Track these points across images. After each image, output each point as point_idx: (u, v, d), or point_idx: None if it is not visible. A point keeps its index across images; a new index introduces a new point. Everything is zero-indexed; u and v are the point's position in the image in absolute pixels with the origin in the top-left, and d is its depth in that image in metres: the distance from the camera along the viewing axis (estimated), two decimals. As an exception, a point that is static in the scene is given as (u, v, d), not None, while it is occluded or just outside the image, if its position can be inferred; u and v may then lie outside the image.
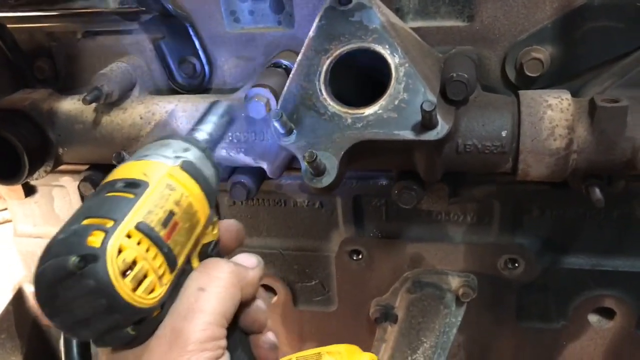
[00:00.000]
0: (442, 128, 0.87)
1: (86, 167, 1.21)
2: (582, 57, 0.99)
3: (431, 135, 0.87)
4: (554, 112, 0.91)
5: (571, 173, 0.95)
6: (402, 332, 1.27)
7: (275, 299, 1.38)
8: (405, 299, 1.26)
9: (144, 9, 1.07)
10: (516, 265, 1.19)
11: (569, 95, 0.93)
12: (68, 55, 1.19)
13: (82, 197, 1.35)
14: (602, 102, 0.89)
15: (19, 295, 1.52)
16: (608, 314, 1.22)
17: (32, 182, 1.36)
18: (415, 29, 1.01)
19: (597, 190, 0.95)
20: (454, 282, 1.23)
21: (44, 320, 1.58)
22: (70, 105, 1.11)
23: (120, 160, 0.94)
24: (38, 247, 1.41)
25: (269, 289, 1.38)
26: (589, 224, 1.14)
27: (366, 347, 1.31)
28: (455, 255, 1.22)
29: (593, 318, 1.24)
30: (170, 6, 1.07)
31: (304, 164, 0.87)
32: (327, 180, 0.89)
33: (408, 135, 0.88)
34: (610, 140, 0.90)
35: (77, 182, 1.26)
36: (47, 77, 1.21)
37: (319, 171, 0.88)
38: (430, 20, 1.03)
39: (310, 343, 1.42)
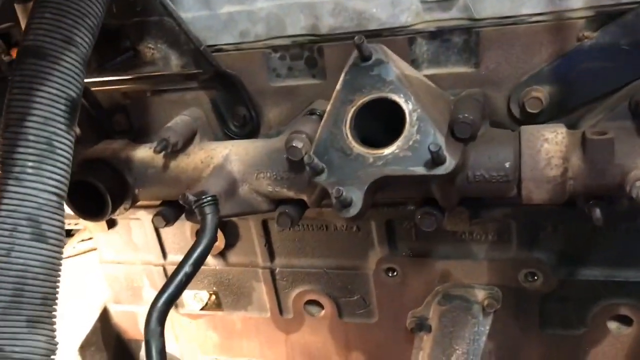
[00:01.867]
0: (449, 164, 1.02)
1: (158, 203, 1.43)
2: (576, 94, 1.12)
3: (440, 170, 1.02)
4: (550, 144, 1.05)
5: (571, 196, 1.08)
6: (436, 341, 1.41)
7: (322, 312, 1.56)
8: (437, 311, 1.41)
9: (201, 70, 1.28)
10: (535, 278, 1.32)
11: (564, 129, 1.07)
12: (140, 110, 1.42)
13: (156, 229, 1.58)
14: (591, 135, 1.02)
15: (104, 314, 1.77)
16: (627, 320, 1.32)
17: (114, 216, 1.59)
18: (429, 76, 1.17)
19: (598, 211, 1.08)
20: (480, 294, 1.37)
21: (126, 335, 1.82)
22: (143, 153, 1.33)
23: (186, 200, 1.14)
24: (120, 272, 1.65)
25: (316, 304, 1.56)
26: (599, 238, 1.25)
27: (406, 355, 1.48)
28: (480, 271, 1.36)
29: (612, 325, 1.34)
30: (222, 67, 1.27)
31: (334, 199, 1.05)
32: (353, 211, 1.06)
33: (421, 170, 1.03)
34: (600, 168, 1.03)
35: (151, 215, 1.49)
36: (123, 129, 1.44)
37: (345, 204, 1.05)
38: (442, 68, 1.19)
39: (355, 352, 1.58)
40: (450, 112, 1.12)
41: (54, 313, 0.95)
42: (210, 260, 1.58)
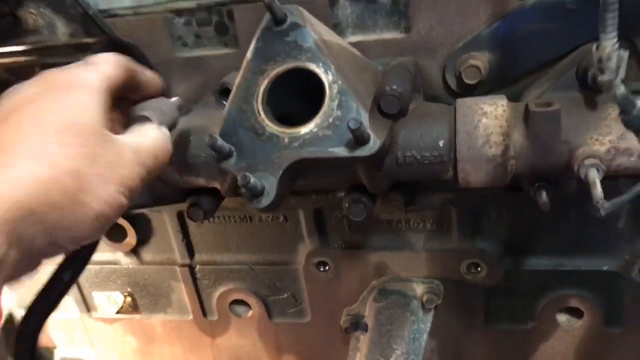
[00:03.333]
0: (374, 143, 0.87)
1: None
2: (519, 61, 0.99)
3: (364, 151, 0.87)
4: (489, 119, 0.92)
5: (514, 178, 0.95)
6: (373, 341, 1.28)
7: (250, 313, 1.40)
8: (373, 308, 1.27)
9: (92, 39, 1.10)
10: (479, 269, 1.19)
11: (505, 101, 0.93)
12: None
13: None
14: (535, 107, 0.89)
15: (9, 320, 1.57)
16: (576, 313, 1.22)
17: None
18: (354, 44, 1.02)
19: (544, 194, 0.95)
20: (419, 288, 1.24)
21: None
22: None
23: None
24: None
25: (243, 303, 1.40)
26: (546, 224, 1.14)
27: (342, 356, 1.34)
28: (418, 262, 1.23)
29: (562, 318, 1.23)
30: (117, 35, 1.10)
31: (242, 188, 0.89)
32: (265, 201, 0.90)
33: (342, 152, 0.88)
34: (545, 144, 0.90)
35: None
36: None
37: (256, 192, 0.90)
38: (369, 34, 1.04)
39: (287, 354, 1.44)
40: (377, 84, 0.97)
41: None
42: (121, 258, 1.40)
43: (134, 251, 1.39)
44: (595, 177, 0.83)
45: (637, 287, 1.13)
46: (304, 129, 0.91)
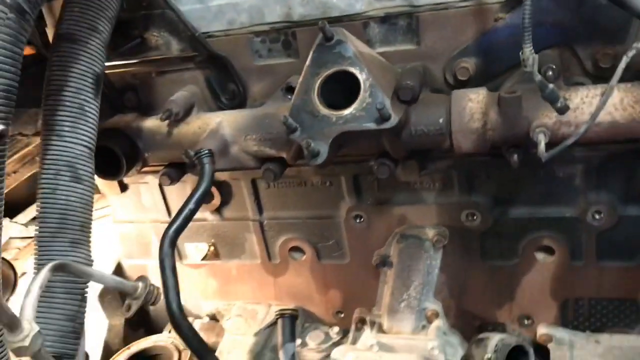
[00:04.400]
0: (394, 119, 1.30)
1: (163, 165, 1.71)
2: (495, 63, 1.40)
3: (387, 124, 1.30)
4: (473, 103, 1.34)
5: (492, 145, 1.37)
6: (397, 274, 1.70)
7: (304, 257, 1.85)
8: (396, 249, 1.70)
9: (196, 53, 1.56)
10: (475, 217, 1.61)
11: (484, 91, 1.35)
12: (147, 89, 1.69)
13: (162, 192, 1.86)
14: (504, 94, 1.31)
15: (118, 267, 2.05)
16: (549, 251, 1.62)
17: (126, 181, 1.88)
18: (381, 53, 1.45)
19: (515, 156, 1.37)
20: (430, 233, 1.66)
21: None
22: (151, 122, 1.61)
23: (187, 155, 1.42)
24: (132, 230, 1.93)
25: (299, 250, 1.84)
26: (523, 182, 1.54)
27: (374, 288, 1.76)
28: (430, 213, 1.65)
29: (539, 255, 1.63)
30: (214, 50, 1.55)
31: (305, 150, 1.33)
32: (320, 160, 1.34)
33: (372, 126, 1.31)
34: (511, 120, 1.31)
35: (157, 178, 1.77)
36: (133, 105, 1.71)
37: (314, 154, 1.34)
38: (391, 46, 1.47)
39: (332, 289, 1.87)
40: (396, 81, 1.40)
41: (89, 237, 1.24)
42: (208, 216, 1.86)
43: (218, 210, 1.85)
44: (541, 139, 1.24)
45: (591, 228, 1.53)
46: (346, 112, 1.34)
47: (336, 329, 1.90)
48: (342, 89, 1.41)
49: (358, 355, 1.64)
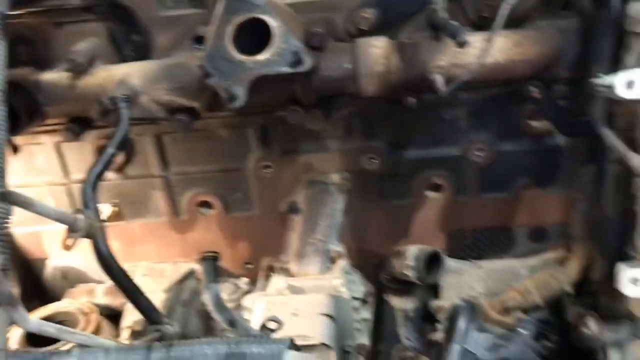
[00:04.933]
0: (307, 63, 1.39)
1: (59, 128, 1.65)
2: (392, 14, 1.54)
3: (302, 68, 1.39)
4: (376, 49, 1.48)
5: (393, 89, 1.51)
6: (305, 220, 1.80)
7: (212, 211, 1.88)
8: (304, 195, 1.80)
9: (98, 3, 1.53)
10: (374, 161, 1.76)
11: (385, 39, 1.49)
12: (43, 42, 1.62)
13: (58, 149, 1.79)
14: (403, 40, 1.46)
15: (8, 237, 1.93)
16: (438, 188, 1.82)
17: (18, 142, 1.77)
18: (288, 4, 1.53)
19: (412, 99, 1.53)
20: (335, 178, 1.79)
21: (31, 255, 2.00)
22: (52, 75, 1.56)
23: (102, 102, 1.39)
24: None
25: (206, 203, 1.88)
26: (415, 126, 1.72)
27: (283, 237, 1.84)
28: (334, 160, 1.78)
29: (429, 193, 1.83)
30: (116, -1, 1.53)
31: (223, 93, 1.38)
32: (239, 103, 1.40)
33: (287, 69, 1.39)
34: (410, 64, 1.47)
35: (54, 139, 1.71)
36: (26, 59, 1.63)
37: (233, 97, 1.39)
38: (297, -2, 1.56)
39: (242, 242, 1.93)
40: (304, 30, 1.50)
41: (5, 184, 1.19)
42: (110, 175, 1.82)
43: (120, 169, 1.82)
44: (439, 77, 1.41)
45: (473, 164, 1.74)
46: (261, 56, 1.40)
47: (245, 279, 1.96)
48: (252, 37, 1.47)
49: (269, 300, 1.73)
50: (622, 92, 1.25)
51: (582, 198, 1.69)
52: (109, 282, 1.96)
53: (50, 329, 1.01)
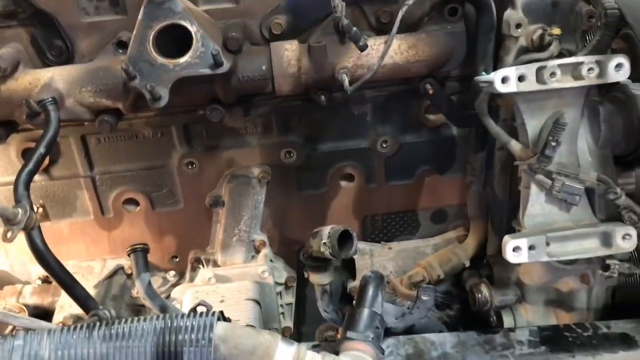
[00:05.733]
0: (226, 65, 1.51)
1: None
2: (302, 20, 1.69)
3: (221, 70, 1.51)
4: (288, 52, 1.62)
5: (305, 87, 1.66)
6: (229, 212, 1.93)
7: (138, 208, 1.96)
8: (227, 188, 1.92)
9: (20, 9, 1.58)
10: (292, 154, 1.91)
11: (296, 42, 1.64)
12: (-39, 48, 1.65)
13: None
14: (312, 44, 1.61)
15: None
16: (350, 178, 1.99)
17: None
18: (205, 10, 1.65)
19: (322, 97, 1.68)
20: (256, 171, 1.92)
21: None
22: (-28, 80, 1.59)
23: (29, 105, 1.45)
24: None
25: (133, 202, 1.96)
26: (328, 121, 1.88)
27: (208, 230, 1.95)
28: (254, 155, 1.91)
29: (343, 183, 2.00)
30: (39, 6, 1.59)
31: (147, 94, 1.48)
32: (162, 102, 1.50)
33: (207, 71, 1.51)
34: (319, 65, 1.62)
35: (-25, 142, 1.74)
36: (-54, 64, 1.65)
37: (157, 97, 1.49)
38: (213, 5, 1.66)
39: (167, 236, 2.02)
40: (221, 34, 1.62)
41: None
42: (36, 177, 1.86)
43: (45, 170, 1.86)
44: (345, 77, 1.57)
45: (380, 155, 1.93)
46: (182, 59, 1.51)
47: (172, 272, 2.05)
48: (172, 42, 1.58)
49: (197, 290, 1.83)
50: (499, 87, 1.47)
51: (476, 181, 1.92)
52: (35, 283, 2.01)
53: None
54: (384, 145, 1.91)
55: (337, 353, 1.26)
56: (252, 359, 1.09)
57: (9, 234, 1.17)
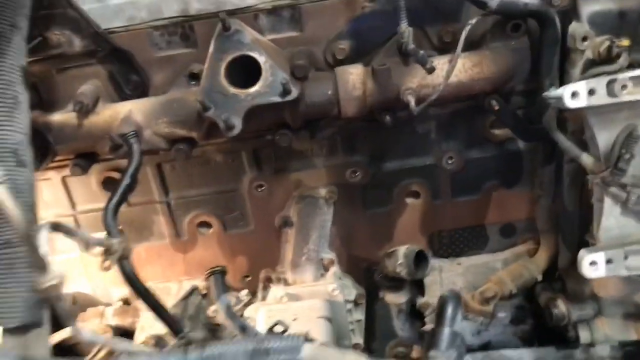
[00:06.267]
0: (294, 92, 1.56)
1: (64, 164, 1.79)
2: (365, 43, 1.73)
3: (290, 97, 1.57)
4: (353, 76, 1.66)
5: (370, 109, 1.70)
6: (297, 232, 1.97)
7: (211, 230, 2.04)
8: (295, 209, 1.97)
9: (99, 48, 1.68)
10: (357, 174, 1.94)
11: (360, 66, 1.67)
12: (47, 86, 1.76)
13: (64, 183, 1.93)
14: (377, 67, 1.64)
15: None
16: (416, 195, 2.00)
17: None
18: (270, 40, 1.71)
19: (387, 117, 1.71)
20: (323, 192, 1.96)
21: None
22: (60, 116, 1.69)
23: (113, 139, 1.54)
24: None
25: (206, 225, 2.03)
26: (393, 140, 1.91)
27: (278, 250, 2.00)
28: (321, 175, 1.95)
29: (409, 200, 2.02)
30: (115, 44, 1.69)
31: (222, 124, 1.55)
32: (236, 131, 1.56)
33: (277, 99, 1.56)
34: (384, 87, 1.65)
35: (60, 175, 1.85)
36: (33, 103, 1.75)
37: (230, 126, 1.56)
38: (278, 34, 1.72)
39: (239, 257, 2.08)
40: (288, 62, 1.67)
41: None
42: (115, 204, 1.96)
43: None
44: (411, 98, 1.59)
45: (446, 171, 1.94)
46: (253, 89, 1.57)
47: (245, 291, 2.11)
48: (240, 70, 1.64)
49: (270, 308, 1.88)
50: (569, 102, 1.45)
51: (544, 195, 1.90)
52: (116, 305, 2.11)
53: (101, 339, 1.16)
54: (450, 162, 1.92)
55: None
56: (339, 379, 1.12)
57: (106, 264, 1.24)
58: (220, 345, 1.14)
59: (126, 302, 2.09)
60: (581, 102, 1.45)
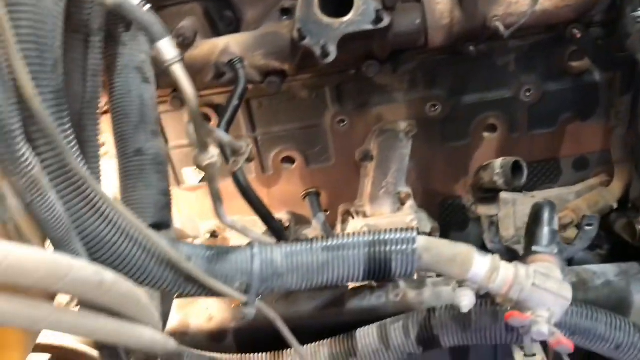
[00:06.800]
0: (386, 20, 1.64)
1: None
2: (450, -24, 1.80)
3: (382, 24, 1.64)
4: (440, 5, 1.73)
5: (456, 39, 1.76)
6: (377, 165, 2.06)
7: (294, 165, 2.14)
8: (376, 143, 2.06)
9: (197, -13, 1.79)
10: (436, 108, 2.01)
11: (448, -5, 1.75)
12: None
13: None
14: (463, -4, 1.71)
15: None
16: (493, 128, 2.07)
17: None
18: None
19: (471, 48, 1.78)
20: (402, 125, 2.04)
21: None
22: (162, 50, 1.81)
23: (218, 65, 1.65)
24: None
25: (289, 159, 2.13)
26: (472, 73, 1.97)
27: (355, 184, 2.09)
28: (401, 110, 2.03)
29: (486, 134, 2.08)
30: (210, -18, 1.79)
31: (319, 51, 1.63)
32: (331, 57, 1.65)
33: (370, 26, 1.64)
34: (471, 15, 1.72)
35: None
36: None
37: (326, 54, 1.64)
38: (367, -32, 1.81)
39: (320, 191, 2.18)
40: (378, -6, 1.75)
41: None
42: (205, 139, 2.08)
43: (213, 133, 2.07)
44: (499, 24, 1.66)
45: (524, 104, 2.00)
46: (346, 18, 1.65)
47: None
48: (334, 3, 1.72)
49: (368, 223, 1.98)
50: (659, 19, 1.51)
51: (620, 125, 1.95)
52: (203, 237, 2.23)
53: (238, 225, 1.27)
54: (527, 94, 1.97)
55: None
56: (453, 265, 1.21)
57: (234, 165, 1.35)
58: (342, 237, 1.25)
59: (213, 234, 2.21)
60: (671, 18, 1.50)
